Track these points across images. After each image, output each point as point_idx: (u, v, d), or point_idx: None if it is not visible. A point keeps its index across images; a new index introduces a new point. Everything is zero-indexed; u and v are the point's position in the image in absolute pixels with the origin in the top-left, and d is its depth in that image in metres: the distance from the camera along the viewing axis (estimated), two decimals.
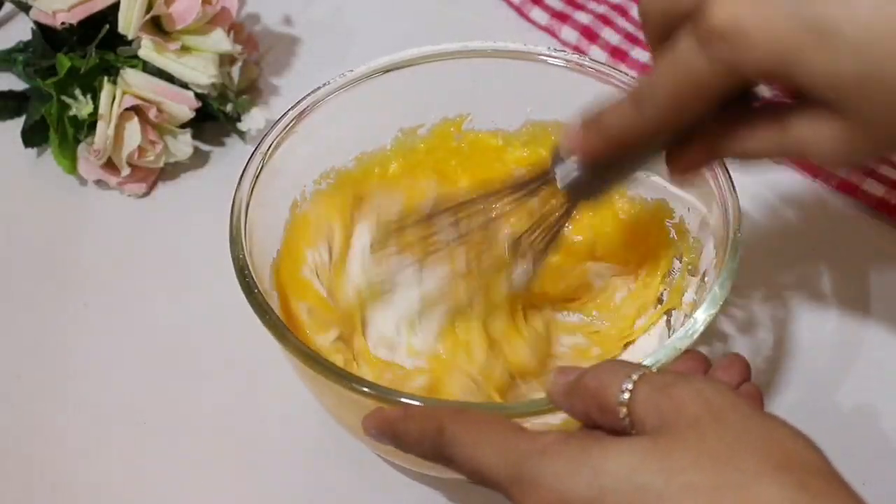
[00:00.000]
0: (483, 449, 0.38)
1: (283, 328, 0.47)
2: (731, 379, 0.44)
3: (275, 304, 0.51)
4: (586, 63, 0.58)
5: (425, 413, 0.42)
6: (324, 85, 0.57)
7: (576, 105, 0.58)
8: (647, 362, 0.45)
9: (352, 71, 0.57)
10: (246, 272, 0.49)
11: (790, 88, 0.41)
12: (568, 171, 0.48)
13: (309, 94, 0.56)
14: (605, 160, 0.46)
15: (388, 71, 0.58)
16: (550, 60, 0.58)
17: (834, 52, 0.37)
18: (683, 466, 0.33)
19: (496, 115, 0.61)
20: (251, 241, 0.51)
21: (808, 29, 0.37)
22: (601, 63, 0.58)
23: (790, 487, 0.32)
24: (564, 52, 0.59)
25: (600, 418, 0.38)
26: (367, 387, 0.44)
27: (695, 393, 0.36)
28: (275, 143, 0.54)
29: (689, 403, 0.35)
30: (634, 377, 0.37)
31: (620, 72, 0.57)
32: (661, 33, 0.43)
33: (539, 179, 0.50)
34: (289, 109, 0.56)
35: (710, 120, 0.43)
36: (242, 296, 0.48)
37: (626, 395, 0.37)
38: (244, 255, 0.50)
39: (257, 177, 0.53)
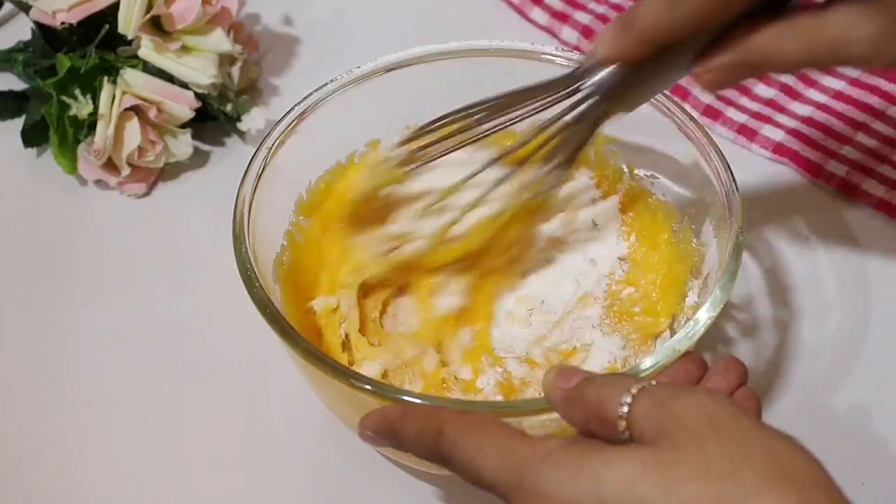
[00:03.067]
0: (483, 453, 0.38)
1: (284, 323, 0.47)
2: (728, 383, 0.44)
3: (277, 300, 0.51)
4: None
5: (425, 413, 0.42)
6: (330, 81, 0.57)
7: None
8: (646, 363, 0.45)
9: (359, 68, 0.58)
10: (248, 266, 0.49)
11: None
12: (600, 76, 0.46)
13: (317, 90, 0.57)
14: (639, 63, 0.45)
15: (392, 69, 0.58)
16: (558, 60, 0.58)
17: None
18: (684, 479, 0.33)
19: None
20: (254, 237, 0.51)
21: None
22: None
23: (791, 501, 0.32)
24: (572, 52, 0.59)
25: (600, 431, 0.38)
26: (367, 384, 0.45)
27: (696, 404, 0.36)
28: (285, 131, 0.55)
29: (690, 416, 0.35)
30: (634, 390, 0.37)
31: None
32: None
33: (569, 85, 0.48)
34: (297, 104, 0.56)
35: (742, 25, 0.42)
36: (242, 296, 0.48)
37: (626, 409, 0.37)
38: (246, 250, 0.50)
39: (263, 168, 0.53)
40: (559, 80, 0.49)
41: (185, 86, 0.67)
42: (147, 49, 0.67)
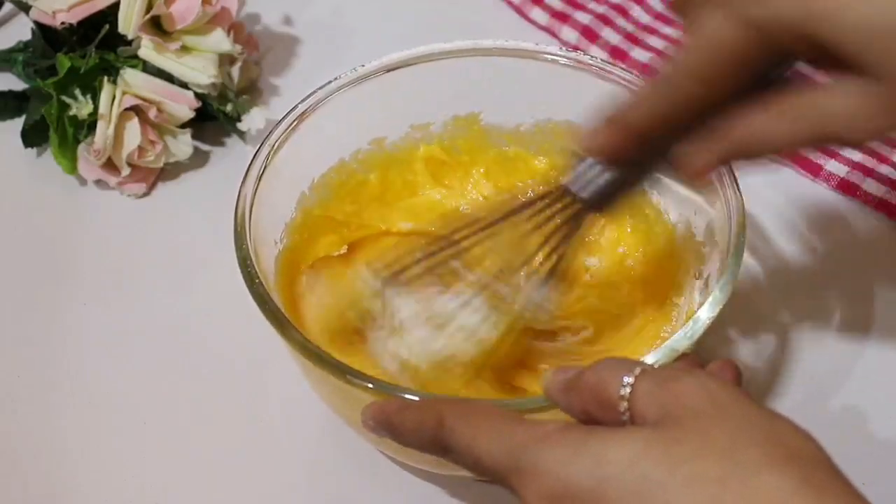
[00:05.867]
0: (481, 438, 0.38)
1: (282, 318, 0.47)
2: None
3: (277, 298, 0.51)
4: (596, 64, 0.58)
5: (424, 404, 0.42)
6: (332, 81, 0.57)
7: (585, 106, 0.59)
8: (646, 362, 0.45)
9: (363, 66, 0.58)
10: (248, 262, 0.49)
11: (819, 52, 0.38)
12: (588, 177, 0.46)
13: (319, 89, 0.57)
14: (629, 156, 0.44)
15: (393, 69, 0.58)
16: (561, 61, 0.58)
17: (864, 2, 0.36)
18: (687, 457, 0.33)
19: (506, 115, 0.61)
20: (255, 234, 0.51)
21: None
22: (610, 63, 0.58)
23: (794, 479, 0.32)
24: (576, 52, 0.58)
25: (600, 414, 0.38)
26: (365, 381, 0.45)
27: (698, 386, 0.36)
28: (287, 130, 0.55)
29: (692, 396, 0.35)
30: (636, 371, 0.37)
31: (633, 74, 0.57)
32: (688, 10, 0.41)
33: (557, 191, 0.47)
34: (299, 103, 0.56)
35: (731, 112, 0.41)
36: (242, 295, 0.48)
37: (627, 390, 0.36)
38: (247, 247, 0.50)
39: (265, 167, 0.53)
40: (550, 195, 0.48)
41: (185, 86, 0.67)
42: (147, 49, 0.67)
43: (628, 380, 0.37)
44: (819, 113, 0.40)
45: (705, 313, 0.47)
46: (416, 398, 0.43)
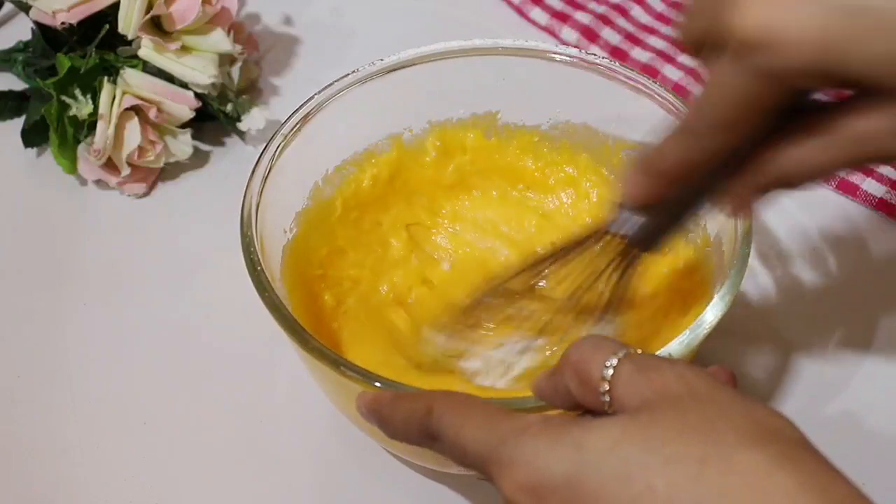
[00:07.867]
0: (468, 428, 0.39)
1: (283, 310, 0.47)
2: None
3: (281, 290, 0.51)
4: (616, 68, 0.57)
5: (415, 395, 0.42)
6: (350, 73, 0.57)
7: (602, 109, 0.58)
8: None
9: (376, 63, 0.58)
10: (252, 249, 0.49)
11: (842, 84, 0.38)
12: (630, 220, 0.46)
13: (327, 87, 0.56)
14: (666, 201, 0.45)
15: (396, 69, 0.58)
16: (580, 62, 0.58)
17: (887, 31, 0.36)
18: (667, 440, 0.34)
19: (522, 115, 0.61)
20: (262, 229, 0.51)
21: (851, 15, 0.36)
22: (633, 70, 0.57)
23: (772, 455, 0.33)
24: (595, 55, 0.58)
25: (580, 392, 0.38)
26: (362, 375, 0.45)
27: (677, 376, 0.36)
28: (295, 128, 0.55)
29: (671, 385, 0.36)
30: (620, 354, 0.37)
31: (651, 80, 0.56)
32: (704, 57, 0.41)
33: (600, 233, 0.48)
34: (304, 103, 0.56)
35: (761, 145, 0.41)
36: (242, 295, 0.48)
37: (610, 372, 0.37)
38: (252, 235, 0.50)
39: (274, 163, 0.53)
40: (592, 231, 0.49)
41: (185, 86, 0.67)
42: (147, 49, 0.67)
43: (611, 362, 0.37)
44: (856, 135, 0.39)
45: (705, 322, 0.47)
46: (406, 390, 0.44)
